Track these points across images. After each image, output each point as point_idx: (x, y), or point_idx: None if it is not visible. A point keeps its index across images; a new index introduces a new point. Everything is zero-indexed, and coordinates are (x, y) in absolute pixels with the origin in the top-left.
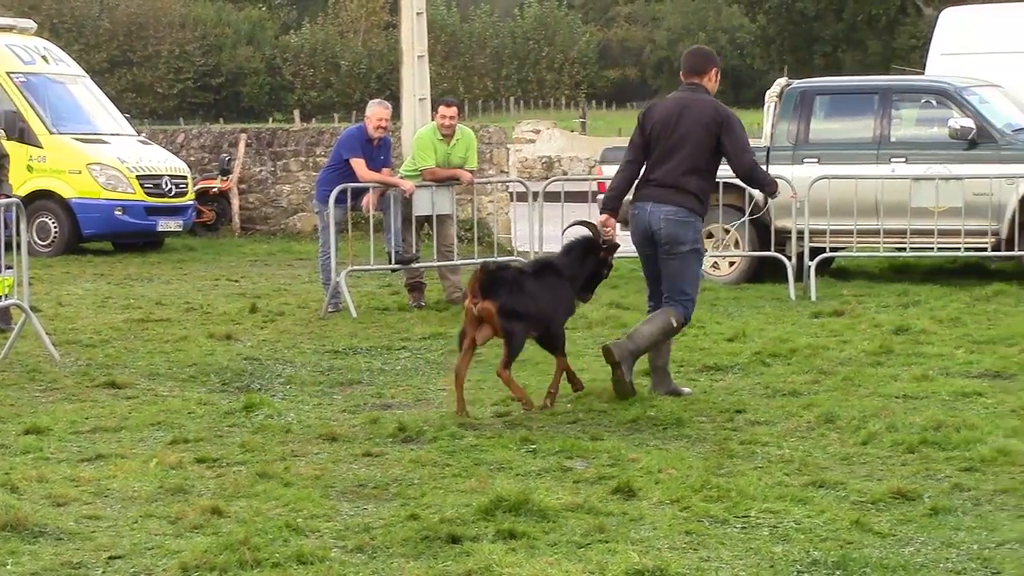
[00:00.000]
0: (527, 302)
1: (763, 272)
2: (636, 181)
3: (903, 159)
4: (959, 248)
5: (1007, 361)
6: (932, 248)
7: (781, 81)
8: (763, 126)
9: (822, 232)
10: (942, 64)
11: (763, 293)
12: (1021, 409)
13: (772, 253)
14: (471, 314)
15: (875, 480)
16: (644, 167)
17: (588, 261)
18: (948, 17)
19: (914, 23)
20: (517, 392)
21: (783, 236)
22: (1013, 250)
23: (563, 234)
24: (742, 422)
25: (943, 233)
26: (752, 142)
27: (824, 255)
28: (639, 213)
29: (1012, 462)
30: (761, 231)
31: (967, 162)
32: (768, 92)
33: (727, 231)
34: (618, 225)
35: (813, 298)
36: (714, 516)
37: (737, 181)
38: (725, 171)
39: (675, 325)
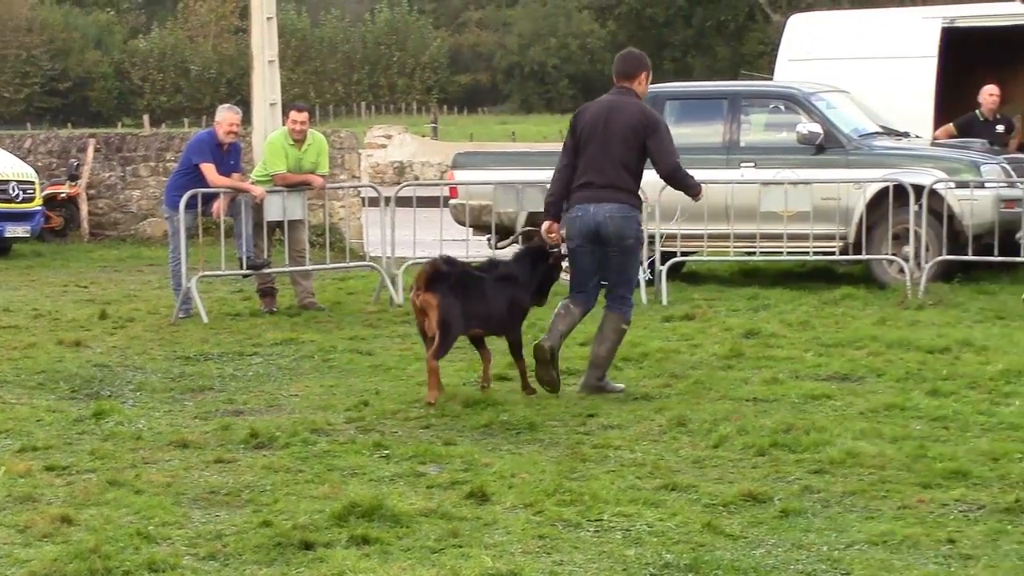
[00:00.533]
0: (470, 299)
1: None
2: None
3: (752, 164)
4: (808, 252)
5: (855, 364)
6: (781, 252)
7: None
8: None
9: (673, 237)
10: (790, 70)
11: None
12: (869, 411)
13: None
14: (415, 306)
15: (726, 483)
16: (577, 170)
17: (538, 267)
18: (796, 23)
19: (762, 29)
20: (432, 385)
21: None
22: (860, 254)
23: (514, 241)
24: (595, 426)
25: (792, 237)
26: None
27: (675, 259)
28: (582, 215)
29: (860, 464)
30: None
31: (815, 167)
32: None
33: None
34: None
35: (664, 302)
36: (567, 520)
37: None
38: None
39: (624, 327)
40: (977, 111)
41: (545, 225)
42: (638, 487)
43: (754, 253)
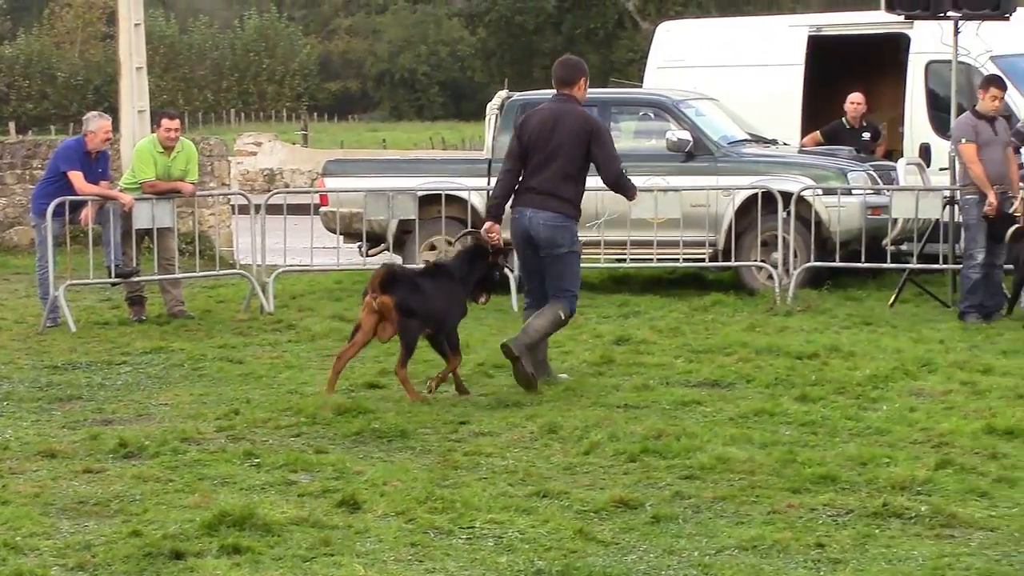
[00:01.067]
0: (422, 301)
1: None
2: (516, 187)
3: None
4: (678, 259)
5: (725, 370)
6: (652, 259)
7: (502, 94)
8: (485, 139)
9: None
10: (659, 77)
11: (486, 305)
12: (739, 417)
13: None
14: (370, 307)
15: (598, 489)
16: (522, 174)
17: (478, 266)
18: (665, 31)
19: (631, 37)
20: (411, 394)
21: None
22: (730, 260)
23: (455, 243)
24: (466, 433)
25: (662, 244)
26: (474, 155)
27: None
28: (519, 218)
29: (731, 469)
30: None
31: (685, 174)
32: (489, 105)
33: (450, 243)
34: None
35: None
36: (439, 527)
37: (458, 193)
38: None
39: (563, 318)
40: (843, 119)
41: (486, 226)
42: (510, 494)
43: (624, 260)
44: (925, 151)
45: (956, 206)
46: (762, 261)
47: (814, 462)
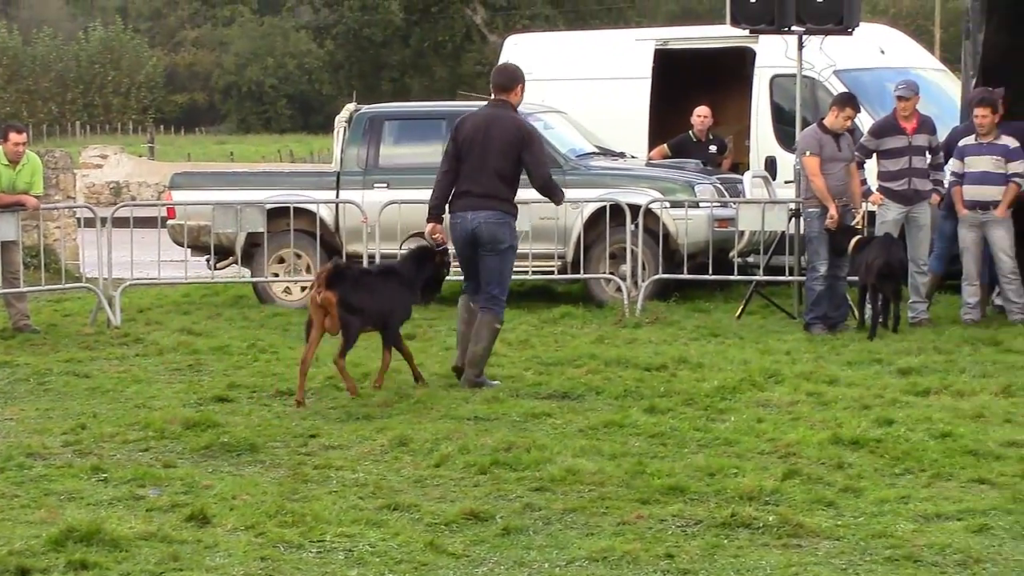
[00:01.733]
0: (365, 298)
1: None
2: (453, 191)
3: None
4: (527, 271)
5: (574, 382)
6: None
7: (350, 106)
8: (333, 151)
9: (392, 256)
10: None
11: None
12: (589, 429)
13: None
14: (315, 303)
15: (448, 502)
16: (458, 177)
17: (426, 266)
18: (512, 44)
19: (479, 49)
20: (348, 383)
21: (354, 260)
22: (579, 273)
23: (400, 246)
24: (316, 447)
25: None
26: (322, 167)
27: None
28: (460, 222)
29: (580, 481)
30: (333, 255)
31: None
32: (337, 117)
33: (298, 256)
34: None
35: None
36: (289, 541)
37: (306, 206)
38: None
39: (498, 327)
40: (690, 132)
41: (428, 227)
42: (360, 507)
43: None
44: (771, 164)
45: (801, 218)
46: (611, 273)
47: (663, 473)
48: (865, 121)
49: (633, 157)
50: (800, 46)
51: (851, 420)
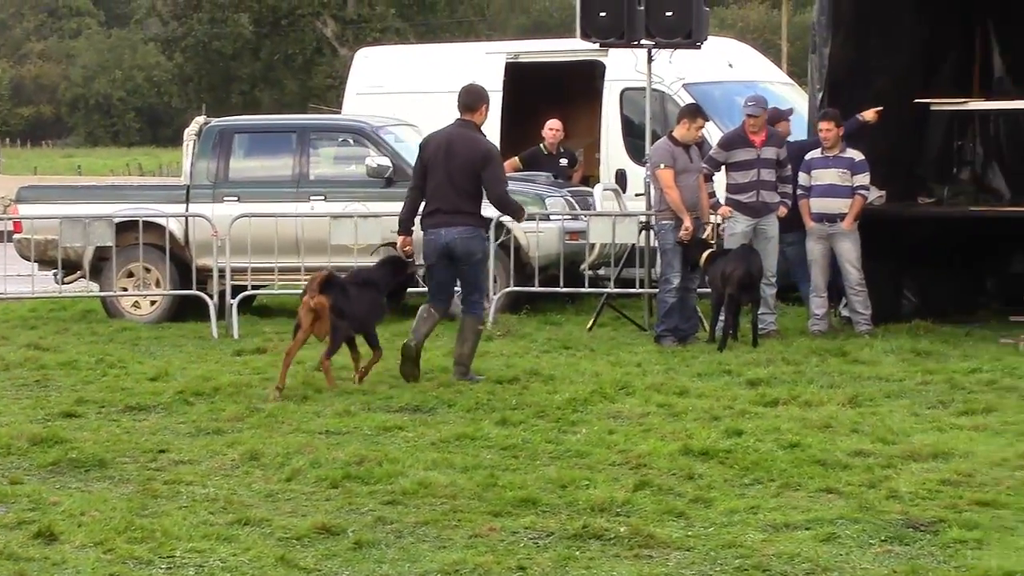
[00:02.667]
0: (352, 304)
1: (185, 311)
2: (423, 209)
3: (322, 197)
4: None
5: (426, 395)
6: None
7: (199, 119)
8: (183, 165)
9: (243, 270)
10: (359, 103)
11: (185, 332)
12: (441, 441)
13: (194, 292)
14: (307, 306)
15: (300, 516)
16: (426, 194)
17: (398, 274)
18: (363, 57)
19: (330, 63)
20: (331, 382)
21: (204, 274)
22: (417, 286)
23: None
24: (166, 462)
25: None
26: (171, 181)
27: (246, 293)
28: (434, 238)
29: (432, 494)
30: (183, 269)
31: (385, 200)
32: (187, 130)
33: (148, 270)
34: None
35: (236, 336)
36: (139, 557)
37: (155, 220)
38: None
39: (480, 327)
40: (541, 145)
41: (399, 241)
42: (211, 522)
43: None
44: (621, 177)
45: (652, 231)
46: None
47: (515, 485)
48: (714, 134)
49: None
50: (650, 60)
51: (701, 431)
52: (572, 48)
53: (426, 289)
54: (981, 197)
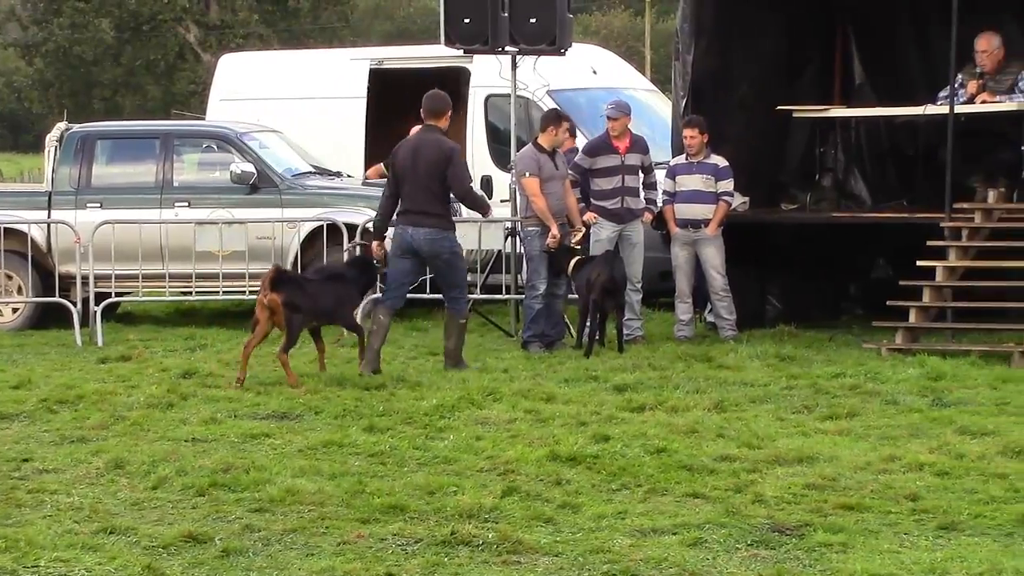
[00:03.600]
0: (307, 299)
1: (48, 318)
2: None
3: (186, 203)
4: (244, 291)
5: (293, 402)
6: (218, 292)
7: (61, 125)
8: (44, 171)
9: (107, 277)
10: (223, 109)
11: (48, 339)
12: (308, 448)
13: (57, 299)
14: (261, 304)
15: (166, 524)
16: (400, 196)
17: (366, 271)
18: (227, 63)
19: (193, 68)
20: (290, 377)
21: (68, 282)
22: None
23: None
24: (29, 471)
25: (228, 277)
26: (33, 187)
27: (110, 300)
28: (401, 233)
29: (300, 501)
30: (46, 276)
31: (249, 206)
32: (48, 137)
33: (9, 277)
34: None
35: (100, 343)
36: (2, 567)
37: (16, 226)
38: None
39: (463, 320)
40: None
41: (373, 245)
42: (76, 531)
43: (190, 293)
44: (486, 183)
45: (518, 237)
46: None
47: (383, 492)
48: (580, 140)
49: (349, 176)
50: (514, 66)
51: (568, 437)
52: (436, 54)
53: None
54: (843, 203)
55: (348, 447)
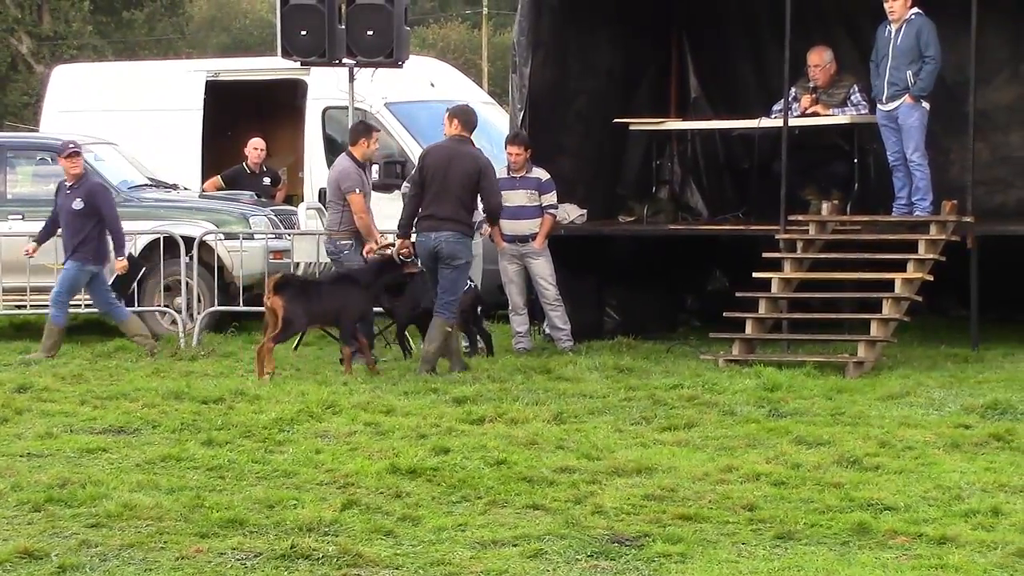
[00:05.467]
0: (310, 302)
1: None
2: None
3: (20, 216)
4: (79, 305)
5: (130, 416)
6: None
7: None
8: None
9: None
10: (58, 121)
11: None
12: (146, 463)
13: None
14: (268, 307)
15: (1, 540)
16: (424, 200)
17: (385, 274)
18: (60, 74)
19: (26, 80)
20: (259, 371)
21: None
22: (134, 306)
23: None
24: None
25: None
26: None
27: None
28: (424, 240)
29: (138, 516)
30: None
31: None
32: None
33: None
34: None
35: None
36: None
37: None
38: None
39: (449, 329)
40: (244, 164)
41: (398, 243)
42: None
43: (25, 306)
44: (324, 196)
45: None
46: (166, 306)
47: (222, 506)
48: (417, 154)
49: (186, 189)
50: (351, 79)
51: (408, 449)
52: (273, 66)
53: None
54: (680, 216)
55: (186, 461)
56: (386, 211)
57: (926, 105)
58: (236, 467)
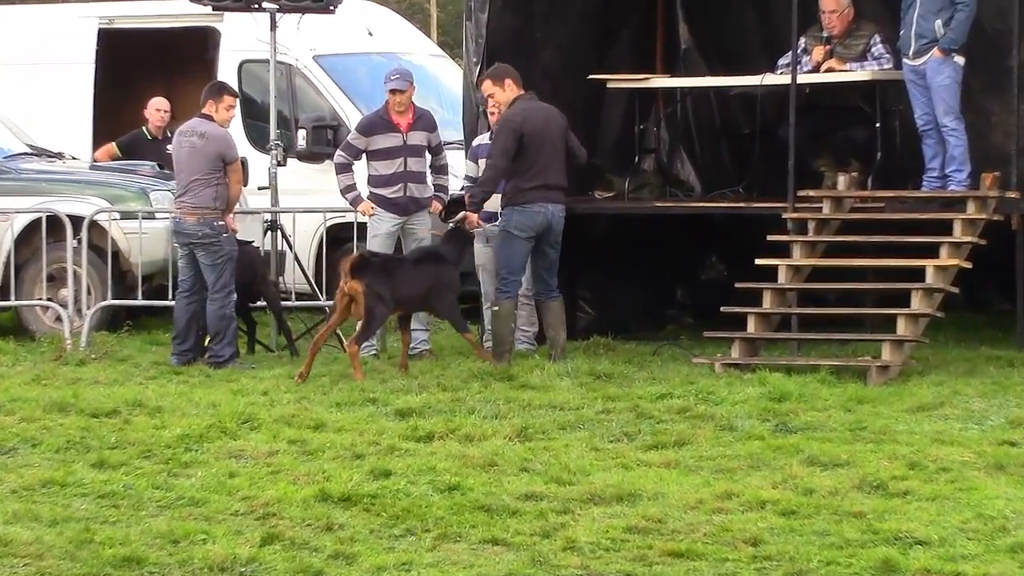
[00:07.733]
0: (394, 286)
1: None
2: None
3: None
4: None
5: (5, 432)
6: None
7: None
8: None
9: None
10: None
11: None
12: (24, 489)
13: None
14: (342, 292)
15: None
16: (527, 169)
17: (466, 248)
18: None
19: None
20: (357, 372)
21: None
22: (9, 299)
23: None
24: None
25: None
26: None
27: None
28: (540, 211)
29: (14, 553)
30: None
31: None
32: None
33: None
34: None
35: None
36: None
37: None
38: None
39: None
40: (144, 128)
41: (471, 217)
42: None
43: None
44: (242, 166)
45: (280, 231)
46: (48, 300)
47: (116, 541)
48: (353, 116)
49: (74, 158)
50: (273, 27)
51: (341, 472)
52: (180, 12)
53: None
54: (668, 191)
55: (73, 487)
56: (317, 184)
57: (959, 60)
58: (133, 494)
